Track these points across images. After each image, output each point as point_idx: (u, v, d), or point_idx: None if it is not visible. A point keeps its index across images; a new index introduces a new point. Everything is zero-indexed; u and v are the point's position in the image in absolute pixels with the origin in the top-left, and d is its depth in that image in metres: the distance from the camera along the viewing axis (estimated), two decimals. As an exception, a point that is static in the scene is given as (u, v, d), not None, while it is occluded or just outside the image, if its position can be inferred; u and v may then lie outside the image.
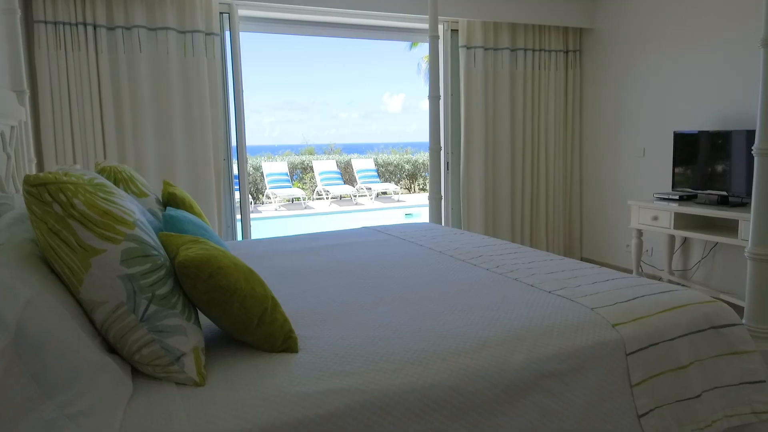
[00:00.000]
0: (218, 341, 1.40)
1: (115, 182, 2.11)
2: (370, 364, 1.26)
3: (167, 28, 3.65)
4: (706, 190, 3.78)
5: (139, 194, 2.17)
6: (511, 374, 1.31)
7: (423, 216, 9.56)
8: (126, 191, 2.12)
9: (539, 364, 1.35)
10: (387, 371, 1.24)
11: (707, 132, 3.78)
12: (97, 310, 1.13)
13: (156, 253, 1.21)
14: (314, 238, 2.82)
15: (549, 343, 1.41)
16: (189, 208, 2.33)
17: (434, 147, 3.65)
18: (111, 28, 3.57)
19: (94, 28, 3.52)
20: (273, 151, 17.67)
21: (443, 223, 4.01)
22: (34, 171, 2.92)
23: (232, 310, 1.26)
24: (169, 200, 2.30)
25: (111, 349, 1.18)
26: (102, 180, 1.27)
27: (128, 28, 3.59)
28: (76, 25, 3.46)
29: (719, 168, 3.71)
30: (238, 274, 1.27)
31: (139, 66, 3.62)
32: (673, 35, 4.23)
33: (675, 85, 4.24)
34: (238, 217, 4.13)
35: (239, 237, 4.14)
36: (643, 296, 1.68)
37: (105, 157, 3.60)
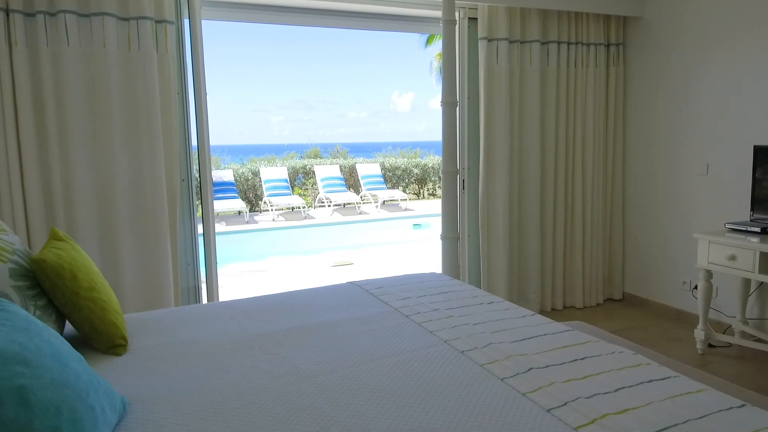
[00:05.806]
0: None
1: (-77, 253, 1.28)
2: None
3: (104, 14, 2.82)
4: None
5: (-27, 269, 1.34)
6: None
7: (433, 227, 8.72)
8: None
9: None
10: None
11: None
12: None
13: None
14: (277, 312, 1.97)
15: None
16: (70, 282, 1.49)
17: (448, 169, 2.74)
18: (29, 14, 2.74)
19: (7, 14, 2.69)
20: (280, 150, 17.15)
21: (459, 261, 3.14)
22: None
23: None
24: (37, 271, 1.47)
25: None
26: None
27: (53, 14, 2.76)
28: (-18, 9, 2.65)
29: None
30: None
31: (68, 63, 2.79)
32: (749, 25, 3.33)
33: (751, 87, 3.34)
34: (204, 229, 3.26)
35: (203, 290, 3.28)
36: None
37: (23, 181, 2.78)
